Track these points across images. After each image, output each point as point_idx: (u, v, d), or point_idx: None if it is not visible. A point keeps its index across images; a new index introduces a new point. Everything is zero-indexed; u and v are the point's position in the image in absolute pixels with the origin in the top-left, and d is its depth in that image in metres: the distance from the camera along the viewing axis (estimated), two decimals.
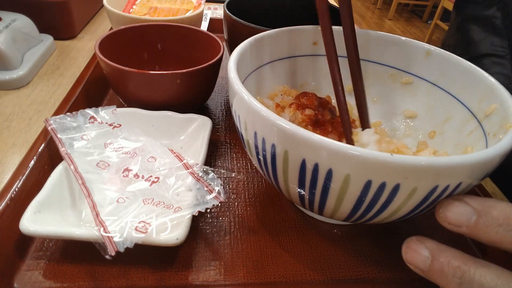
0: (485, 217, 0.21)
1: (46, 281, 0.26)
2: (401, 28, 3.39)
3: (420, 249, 0.22)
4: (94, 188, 0.29)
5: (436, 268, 0.21)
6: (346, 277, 0.29)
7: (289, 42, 0.37)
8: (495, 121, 0.28)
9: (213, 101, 0.48)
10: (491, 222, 0.21)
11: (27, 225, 0.25)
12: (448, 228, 0.22)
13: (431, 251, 0.22)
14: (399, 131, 0.38)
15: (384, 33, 0.37)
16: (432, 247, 0.22)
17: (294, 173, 0.24)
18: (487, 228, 0.21)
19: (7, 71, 0.47)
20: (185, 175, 0.31)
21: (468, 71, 0.32)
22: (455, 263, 0.21)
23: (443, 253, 0.22)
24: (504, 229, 0.20)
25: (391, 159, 0.20)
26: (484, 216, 0.21)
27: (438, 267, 0.21)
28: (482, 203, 0.21)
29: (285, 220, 0.33)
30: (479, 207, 0.21)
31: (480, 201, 0.21)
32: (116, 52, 0.41)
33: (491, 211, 0.21)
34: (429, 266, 0.22)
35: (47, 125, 0.34)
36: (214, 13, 0.75)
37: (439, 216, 0.22)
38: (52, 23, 0.59)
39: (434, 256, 0.22)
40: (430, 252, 0.22)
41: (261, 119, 0.24)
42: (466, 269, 0.20)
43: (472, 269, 0.20)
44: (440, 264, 0.21)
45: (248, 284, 0.28)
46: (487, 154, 0.22)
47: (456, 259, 0.21)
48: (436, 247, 0.22)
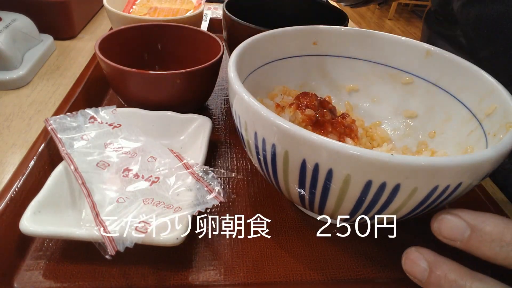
0: (478, 232, 0.21)
1: (46, 281, 0.26)
2: (401, 28, 3.39)
3: (419, 261, 0.22)
4: (94, 188, 0.29)
5: (433, 281, 0.22)
6: (346, 277, 0.29)
7: (289, 42, 0.37)
8: (495, 121, 0.28)
9: (213, 101, 0.48)
10: (484, 238, 0.20)
11: (27, 225, 0.25)
12: (444, 242, 0.22)
13: (429, 262, 0.22)
14: (399, 131, 0.38)
15: (384, 33, 0.37)
16: (430, 259, 0.22)
17: (294, 173, 0.24)
18: (480, 243, 0.21)
19: (7, 71, 0.47)
20: (185, 175, 0.31)
21: (468, 71, 0.32)
22: (451, 276, 0.21)
23: (440, 266, 0.22)
24: (497, 245, 0.20)
25: (392, 159, 0.20)
26: (478, 231, 0.21)
27: (435, 280, 0.21)
28: (475, 217, 0.21)
29: (285, 220, 0.33)
30: (472, 221, 0.21)
31: (474, 215, 0.21)
32: (116, 52, 0.41)
33: (484, 226, 0.21)
34: (427, 278, 0.22)
35: (47, 125, 0.34)
36: (214, 13, 0.74)
37: (433, 230, 0.23)
38: (52, 23, 0.58)
39: (432, 269, 0.22)
40: (428, 264, 0.22)
41: (261, 119, 0.24)
42: (462, 284, 0.20)
43: (468, 284, 0.20)
44: (437, 277, 0.21)
45: (248, 284, 0.28)
46: (487, 154, 0.22)
47: (453, 273, 0.21)
48: (434, 259, 0.22)
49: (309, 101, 0.33)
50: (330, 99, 0.37)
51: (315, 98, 0.33)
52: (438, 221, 0.22)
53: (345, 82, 0.40)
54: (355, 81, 0.40)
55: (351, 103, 0.40)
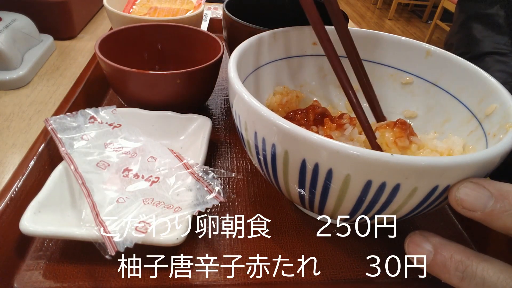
0: (502, 202, 0.20)
1: (46, 281, 0.26)
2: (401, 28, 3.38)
3: (423, 243, 0.22)
4: (94, 188, 0.29)
5: (439, 262, 0.21)
6: (346, 277, 0.29)
7: (289, 42, 0.37)
8: (495, 121, 0.28)
9: (213, 101, 0.48)
10: (508, 208, 0.20)
11: (27, 225, 0.25)
12: (461, 213, 0.21)
13: (433, 245, 0.22)
14: None
15: (384, 33, 0.37)
16: (435, 241, 0.22)
17: (294, 173, 0.24)
18: (503, 214, 0.20)
19: (7, 71, 0.47)
20: (185, 175, 0.31)
21: (468, 71, 0.32)
22: (457, 257, 0.21)
23: (445, 247, 0.21)
24: None
25: (392, 159, 0.20)
26: (502, 201, 0.20)
27: (440, 261, 0.21)
28: (500, 188, 0.20)
29: (285, 220, 0.33)
30: (496, 192, 0.20)
31: (498, 185, 0.21)
32: (116, 52, 0.41)
33: (509, 196, 0.20)
34: (432, 260, 0.22)
35: (47, 125, 0.34)
36: (214, 13, 0.74)
37: (453, 199, 0.21)
38: (52, 23, 0.58)
39: (437, 250, 0.22)
40: (433, 246, 0.22)
41: (261, 119, 0.24)
42: (468, 263, 0.20)
43: (474, 263, 0.20)
44: (442, 258, 0.21)
45: (248, 284, 0.28)
46: (487, 154, 0.22)
47: (458, 253, 0.21)
48: (439, 241, 0.22)
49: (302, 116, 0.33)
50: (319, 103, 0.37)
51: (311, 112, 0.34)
52: (459, 190, 0.21)
53: None
54: (355, 81, 0.40)
55: None
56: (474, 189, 0.21)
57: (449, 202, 0.22)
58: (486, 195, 0.20)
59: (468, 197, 0.21)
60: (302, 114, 0.34)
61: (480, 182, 0.21)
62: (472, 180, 0.21)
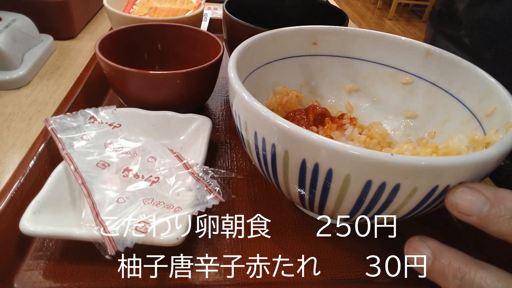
0: (498, 207, 0.20)
1: (46, 281, 0.26)
2: (401, 28, 3.38)
3: (422, 249, 0.22)
4: (94, 188, 0.29)
5: (437, 269, 0.21)
6: (346, 277, 0.29)
7: (289, 42, 0.37)
8: (495, 121, 0.28)
9: (213, 101, 0.48)
10: (503, 214, 0.20)
11: (27, 225, 0.25)
12: (457, 217, 0.21)
13: (432, 251, 0.22)
14: (399, 131, 0.38)
15: (384, 33, 0.37)
16: (433, 247, 0.22)
17: (294, 173, 0.24)
18: (498, 219, 0.20)
19: (7, 71, 0.47)
20: (185, 175, 0.31)
21: (468, 71, 0.32)
22: (456, 264, 0.21)
23: (444, 253, 0.21)
24: None
25: (392, 159, 0.20)
26: (497, 206, 0.20)
27: (439, 267, 0.21)
28: (496, 193, 0.20)
29: (285, 220, 0.33)
30: (492, 197, 0.20)
31: (494, 191, 0.21)
32: (116, 52, 0.41)
33: (505, 202, 0.20)
34: (430, 266, 0.22)
35: (47, 125, 0.34)
36: (214, 13, 0.74)
37: (449, 204, 0.21)
38: (52, 23, 0.58)
39: (435, 256, 0.21)
40: (432, 252, 0.22)
41: (261, 119, 0.24)
42: (466, 271, 0.20)
43: (472, 271, 0.20)
44: (441, 265, 0.21)
45: (248, 284, 0.28)
46: (487, 154, 0.22)
47: (457, 260, 0.21)
48: (437, 247, 0.22)
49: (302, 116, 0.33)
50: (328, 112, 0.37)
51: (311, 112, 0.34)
52: (455, 194, 0.21)
53: (345, 82, 0.40)
54: (355, 81, 0.40)
55: (351, 103, 0.40)
56: (470, 193, 0.21)
57: (445, 205, 0.22)
58: (481, 200, 0.20)
59: (463, 202, 0.21)
60: (302, 114, 0.34)
61: (476, 187, 0.21)
62: (468, 185, 0.21)
